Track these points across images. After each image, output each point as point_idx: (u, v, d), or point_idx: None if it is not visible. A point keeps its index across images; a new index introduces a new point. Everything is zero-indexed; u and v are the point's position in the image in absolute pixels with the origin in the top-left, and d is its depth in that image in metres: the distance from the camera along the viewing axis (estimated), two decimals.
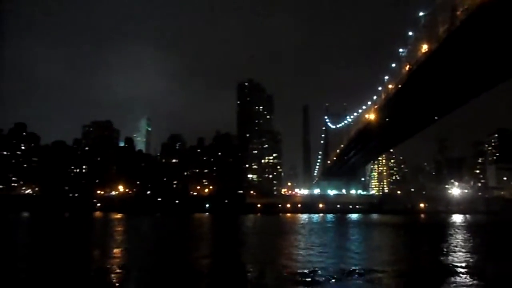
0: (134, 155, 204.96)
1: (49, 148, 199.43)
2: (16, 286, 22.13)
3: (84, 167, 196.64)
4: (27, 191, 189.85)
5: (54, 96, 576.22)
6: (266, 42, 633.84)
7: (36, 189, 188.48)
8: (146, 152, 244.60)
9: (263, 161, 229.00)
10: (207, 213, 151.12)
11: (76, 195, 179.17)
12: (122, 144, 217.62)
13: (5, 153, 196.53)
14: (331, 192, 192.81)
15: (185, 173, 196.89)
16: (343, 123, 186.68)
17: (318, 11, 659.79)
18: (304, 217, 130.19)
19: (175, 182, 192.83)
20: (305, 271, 25.26)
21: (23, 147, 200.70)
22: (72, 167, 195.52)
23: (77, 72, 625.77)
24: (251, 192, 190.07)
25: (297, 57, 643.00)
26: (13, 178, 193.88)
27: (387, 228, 79.17)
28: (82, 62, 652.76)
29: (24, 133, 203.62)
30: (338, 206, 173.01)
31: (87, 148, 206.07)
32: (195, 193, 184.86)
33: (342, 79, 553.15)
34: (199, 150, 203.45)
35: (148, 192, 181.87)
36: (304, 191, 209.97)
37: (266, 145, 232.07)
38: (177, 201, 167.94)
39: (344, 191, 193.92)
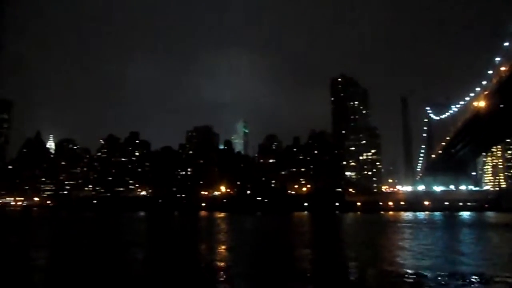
0: (233, 156, 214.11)
1: (159, 153, 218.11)
2: (134, 277, 24.88)
3: (189, 169, 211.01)
4: (142, 193, 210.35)
5: (157, 104, 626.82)
6: (355, 34, 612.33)
7: (149, 190, 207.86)
8: (245, 153, 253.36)
9: (361, 157, 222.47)
10: (305, 212, 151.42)
11: (183, 195, 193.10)
12: (222, 146, 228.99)
13: (122, 159, 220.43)
14: (437, 188, 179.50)
15: (282, 173, 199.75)
16: (447, 114, 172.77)
17: None
18: (407, 215, 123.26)
19: (273, 181, 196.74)
20: (410, 273, 24.22)
21: (137, 153, 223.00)
22: (179, 170, 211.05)
23: (175, 78, 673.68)
24: (350, 190, 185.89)
25: (390, 46, 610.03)
26: (130, 181, 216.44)
27: (508, 229, 70.85)
28: (179, 67, 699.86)
29: (137, 141, 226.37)
30: (446, 203, 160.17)
31: (191, 152, 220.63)
32: (293, 192, 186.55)
33: (442, 66, 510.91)
34: (295, 149, 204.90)
35: (248, 191, 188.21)
36: (407, 188, 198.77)
37: (364, 141, 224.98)
38: (275, 200, 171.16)
39: (452, 187, 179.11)
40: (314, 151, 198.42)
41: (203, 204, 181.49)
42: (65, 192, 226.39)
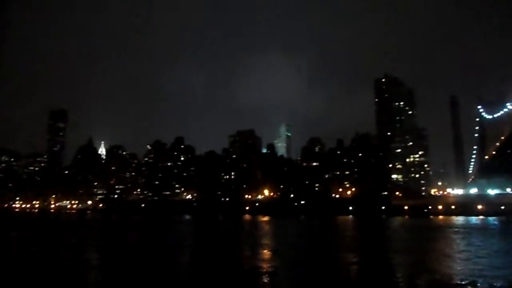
0: (276, 160, 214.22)
1: (203, 158, 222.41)
2: (181, 279, 25.75)
3: (232, 173, 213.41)
4: (187, 197, 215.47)
5: (201, 109, 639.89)
6: (399, 32, 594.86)
7: (195, 194, 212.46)
8: (287, 157, 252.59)
9: (408, 160, 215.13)
10: (350, 216, 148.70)
11: (227, 199, 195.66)
12: (265, 150, 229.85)
13: (168, 164, 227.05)
14: (492, 191, 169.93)
15: (326, 176, 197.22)
16: (501, 112, 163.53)
17: None
18: (459, 220, 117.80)
19: (316, 185, 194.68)
20: (461, 281, 23.33)
21: (182, 158, 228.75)
22: (223, 174, 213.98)
23: (218, 82, 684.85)
24: (397, 193, 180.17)
25: (433, 43, 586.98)
26: (176, 185, 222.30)
27: None
28: (222, 71, 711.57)
29: (182, 146, 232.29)
30: (502, 207, 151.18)
31: (234, 156, 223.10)
32: (337, 196, 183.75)
33: (494, 63, 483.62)
34: (338, 152, 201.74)
35: (292, 195, 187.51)
36: (458, 191, 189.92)
37: (411, 143, 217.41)
38: (319, 204, 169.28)
39: (509, 189, 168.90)
40: (358, 153, 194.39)
41: (247, 208, 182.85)
42: (116, 196, 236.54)
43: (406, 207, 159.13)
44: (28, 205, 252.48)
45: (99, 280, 25.49)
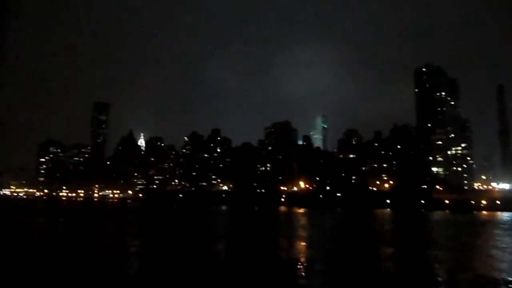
0: (312, 152, 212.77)
1: (239, 150, 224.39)
2: (218, 268, 26.19)
3: (268, 165, 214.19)
4: (223, 188, 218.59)
5: (237, 100, 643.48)
6: (442, 19, 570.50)
7: (231, 185, 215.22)
8: (324, 149, 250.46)
9: (449, 152, 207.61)
10: (388, 209, 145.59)
11: (263, 190, 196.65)
12: (300, 142, 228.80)
13: (205, 155, 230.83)
14: None
15: (363, 168, 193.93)
16: None
17: None
18: (505, 215, 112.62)
19: (353, 177, 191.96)
20: (506, 279, 22.33)
21: (218, 150, 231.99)
22: (258, 165, 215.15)
23: (253, 74, 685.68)
24: (437, 186, 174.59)
25: (477, 31, 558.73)
26: (213, 176, 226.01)
27: None
28: (258, 63, 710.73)
29: (218, 138, 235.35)
30: None
31: (270, 148, 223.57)
32: (374, 188, 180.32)
33: None
34: (376, 144, 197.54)
35: (328, 187, 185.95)
36: (504, 185, 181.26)
37: (452, 135, 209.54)
38: (356, 197, 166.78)
39: None
40: (397, 145, 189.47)
41: (282, 199, 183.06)
42: (155, 186, 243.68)
43: (447, 201, 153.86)
44: (74, 194, 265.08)
45: (137, 266, 26.43)
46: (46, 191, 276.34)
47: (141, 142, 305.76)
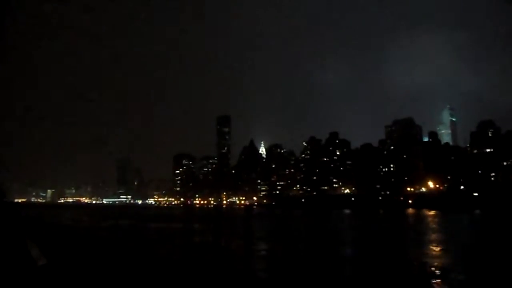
0: (440, 149, 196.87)
1: (359, 151, 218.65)
2: (344, 274, 26.04)
3: (391, 165, 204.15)
4: (345, 191, 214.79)
5: (352, 101, 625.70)
6: None
7: (353, 188, 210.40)
8: (454, 144, 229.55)
9: None
10: None
11: (387, 192, 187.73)
12: (426, 139, 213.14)
13: (325, 159, 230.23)
14: None
15: (504, 163, 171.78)
16: None
17: None
18: None
19: (492, 174, 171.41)
20: None
21: (337, 153, 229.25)
22: (381, 166, 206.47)
23: (365, 72, 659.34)
24: None
25: None
26: (334, 180, 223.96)
27: None
28: (368, 60, 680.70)
29: (337, 140, 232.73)
30: None
31: (392, 147, 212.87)
32: None
33: None
34: None
35: (462, 187, 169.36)
36: None
37: None
38: (498, 196, 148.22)
39: None
40: None
41: (410, 201, 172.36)
42: (277, 192, 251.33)
43: None
44: (205, 202, 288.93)
45: (266, 267, 27.88)
46: (182, 199, 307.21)
47: (262, 150, 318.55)
